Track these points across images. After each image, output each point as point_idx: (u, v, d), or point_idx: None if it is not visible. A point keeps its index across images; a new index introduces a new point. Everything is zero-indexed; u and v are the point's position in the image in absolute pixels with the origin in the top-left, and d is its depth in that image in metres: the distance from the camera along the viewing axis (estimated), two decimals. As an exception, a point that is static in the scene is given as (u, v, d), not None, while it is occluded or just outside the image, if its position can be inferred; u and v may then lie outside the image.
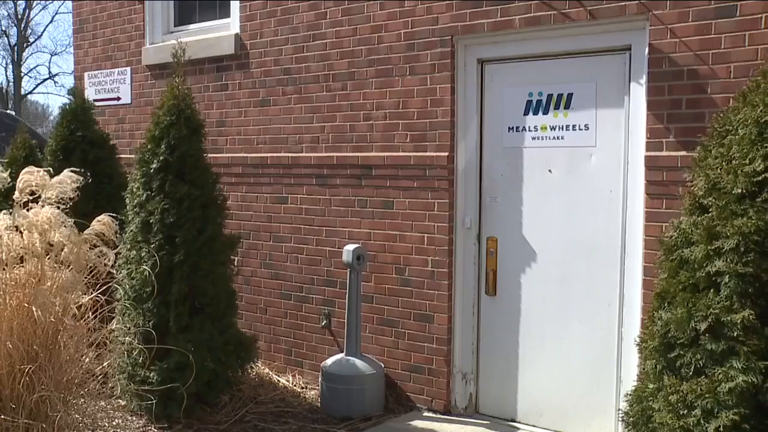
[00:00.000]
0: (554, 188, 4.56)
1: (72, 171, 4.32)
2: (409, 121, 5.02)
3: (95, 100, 6.73)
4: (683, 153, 3.92)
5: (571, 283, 4.50)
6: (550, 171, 4.56)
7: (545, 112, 4.57)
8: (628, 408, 3.10)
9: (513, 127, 4.70)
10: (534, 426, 4.67)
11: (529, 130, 4.64)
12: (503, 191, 4.76)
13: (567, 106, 4.49)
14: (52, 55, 48.59)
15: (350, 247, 4.99)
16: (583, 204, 4.44)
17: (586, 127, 4.42)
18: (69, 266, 4.08)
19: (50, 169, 4.41)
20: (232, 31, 6.06)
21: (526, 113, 4.65)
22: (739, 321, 2.42)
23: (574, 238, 4.48)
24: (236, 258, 5.25)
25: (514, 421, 4.76)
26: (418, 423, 4.77)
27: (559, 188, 4.54)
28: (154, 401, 4.45)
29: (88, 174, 4.54)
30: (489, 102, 4.80)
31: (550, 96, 4.56)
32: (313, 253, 5.58)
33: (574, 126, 4.47)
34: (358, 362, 4.94)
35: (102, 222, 4.23)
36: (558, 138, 4.53)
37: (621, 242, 4.29)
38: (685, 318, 2.61)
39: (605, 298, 4.36)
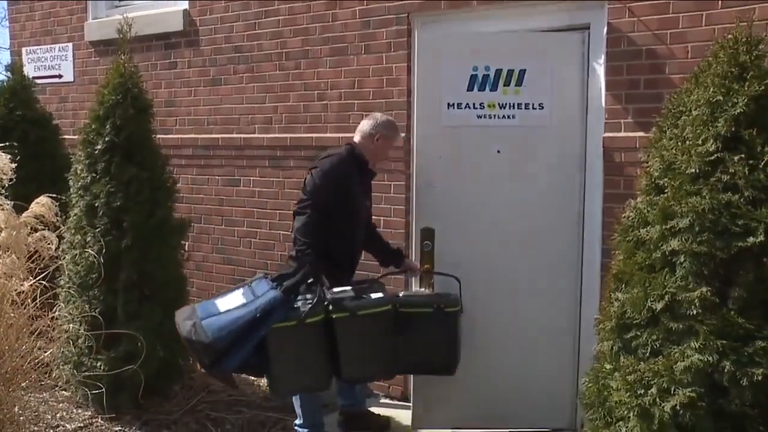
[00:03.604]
0: (503, 171, 4.35)
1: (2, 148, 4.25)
2: (364, 101, 5.02)
3: (34, 78, 6.58)
4: (641, 134, 4.00)
5: (528, 275, 4.36)
6: (498, 151, 4.35)
7: (492, 89, 4.33)
8: (585, 388, 3.17)
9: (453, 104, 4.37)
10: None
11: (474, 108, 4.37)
12: (442, 175, 4.39)
13: (519, 83, 4.31)
14: (-15, 29, 47.10)
15: (305, 230, 4.98)
16: (538, 188, 4.35)
17: (541, 106, 4.32)
18: (8, 251, 4.01)
19: None
20: (180, 7, 5.98)
21: (470, 89, 4.34)
22: (696, 298, 2.50)
23: (530, 225, 4.35)
24: (187, 243, 5.22)
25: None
26: (374, 410, 4.81)
27: (509, 170, 4.34)
28: (102, 392, 4.41)
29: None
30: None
31: (498, 71, 4.32)
32: (266, 237, 5.57)
33: (527, 104, 4.32)
34: (313, 349, 4.96)
35: (41, 204, 4.16)
36: (509, 117, 4.34)
37: (579, 226, 4.36)
38: (642, 298, 2.69)
39: (565, 288, 4.37)
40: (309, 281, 3.86)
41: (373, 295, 4.01)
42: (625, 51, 4.10)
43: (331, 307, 3.79)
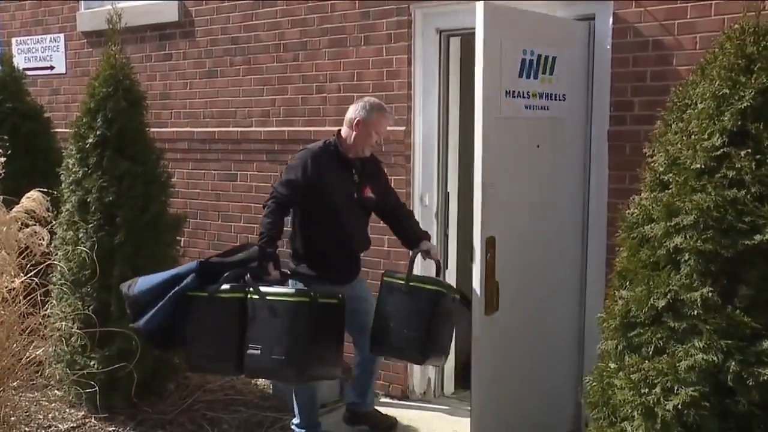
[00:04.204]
0: (542, 167, 4.15)
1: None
2: (364, 94, 4.99)
3: (25, 69, 6.58)
4: (647, 127, 3.98)
5: (557, 273, 4.30)
6: (538, 146, 4.13)
7: (535, 76, 4.04)
8: (589, 387, 3.18)
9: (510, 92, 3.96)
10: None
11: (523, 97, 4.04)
12: (501, 174, 3.93)
13: (551, 72, 4.12)
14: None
15: (303, 226, 4.97)
16: (561, 183, 4.27)
17: (564, 98, 4.22)
18: (-2, 247, 4.02)
19: None
20: (176, -3, 5.98)
21: (521, 75, 3.98)
22: (698, 298, 2.49)
23: (559, 225, 4.26)
24: (182, 239, 5.21)
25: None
26: (380, 410, 4.81)
27: (545, 167, 4.16)
28: (95, 391, 4.41)
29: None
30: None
31: (539, 57, 4.04)
32: (263, 233, 5.56)
33: (556, 95, 4.19)
34: (312, 348, 4.94)
35: (32, 199, 4.16)
36: (544, 108, 4.14)
37: (584, 221, 4.36)
38: (645, 296, 2.68)
39: (569, 285, 4.37)
40: (252, 265, 3.88)
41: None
42: (632, 42, 4.08)
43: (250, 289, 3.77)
